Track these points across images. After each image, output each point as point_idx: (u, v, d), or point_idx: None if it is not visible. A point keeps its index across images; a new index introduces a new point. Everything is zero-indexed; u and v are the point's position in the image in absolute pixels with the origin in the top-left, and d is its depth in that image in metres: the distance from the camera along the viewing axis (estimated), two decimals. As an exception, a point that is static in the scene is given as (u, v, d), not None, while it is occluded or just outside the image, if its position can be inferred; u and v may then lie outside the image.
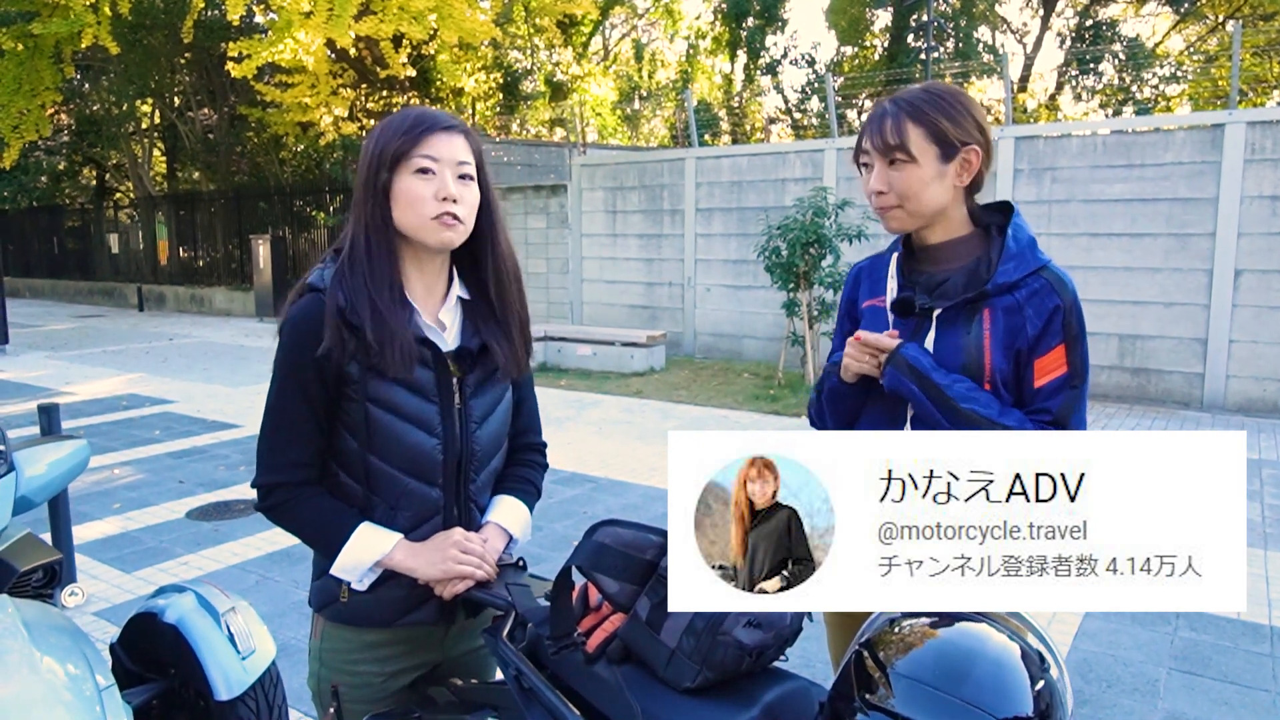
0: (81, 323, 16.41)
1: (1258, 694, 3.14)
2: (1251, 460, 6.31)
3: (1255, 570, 4.26)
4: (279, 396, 1.46)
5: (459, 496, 1.52)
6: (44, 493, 2.72)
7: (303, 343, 1.42)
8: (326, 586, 1.51)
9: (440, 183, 1.42)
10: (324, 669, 1.55)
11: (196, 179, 20.97)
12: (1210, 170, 7.96)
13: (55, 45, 14.35)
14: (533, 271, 13.15)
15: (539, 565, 1.86)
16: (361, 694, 1.53)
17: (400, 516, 1.48)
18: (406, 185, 1.42)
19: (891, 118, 1.54)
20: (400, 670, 1.55)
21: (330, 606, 1.51)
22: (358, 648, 1.52)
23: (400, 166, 1.43)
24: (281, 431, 1.46)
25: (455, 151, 1.44)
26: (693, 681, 1.17)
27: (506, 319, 1.56)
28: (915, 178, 1.53)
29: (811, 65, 23.69)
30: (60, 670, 1.61)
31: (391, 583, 1.48)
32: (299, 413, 1.45)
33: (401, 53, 14.20)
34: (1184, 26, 21.38)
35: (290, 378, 1.44)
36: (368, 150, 1.46)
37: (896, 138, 1.53)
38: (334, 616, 1.51)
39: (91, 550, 4.58)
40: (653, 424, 7.57)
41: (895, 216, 1.58)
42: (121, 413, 8.10)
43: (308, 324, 1.42)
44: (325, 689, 1.54)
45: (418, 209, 1.42)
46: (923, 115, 1.53)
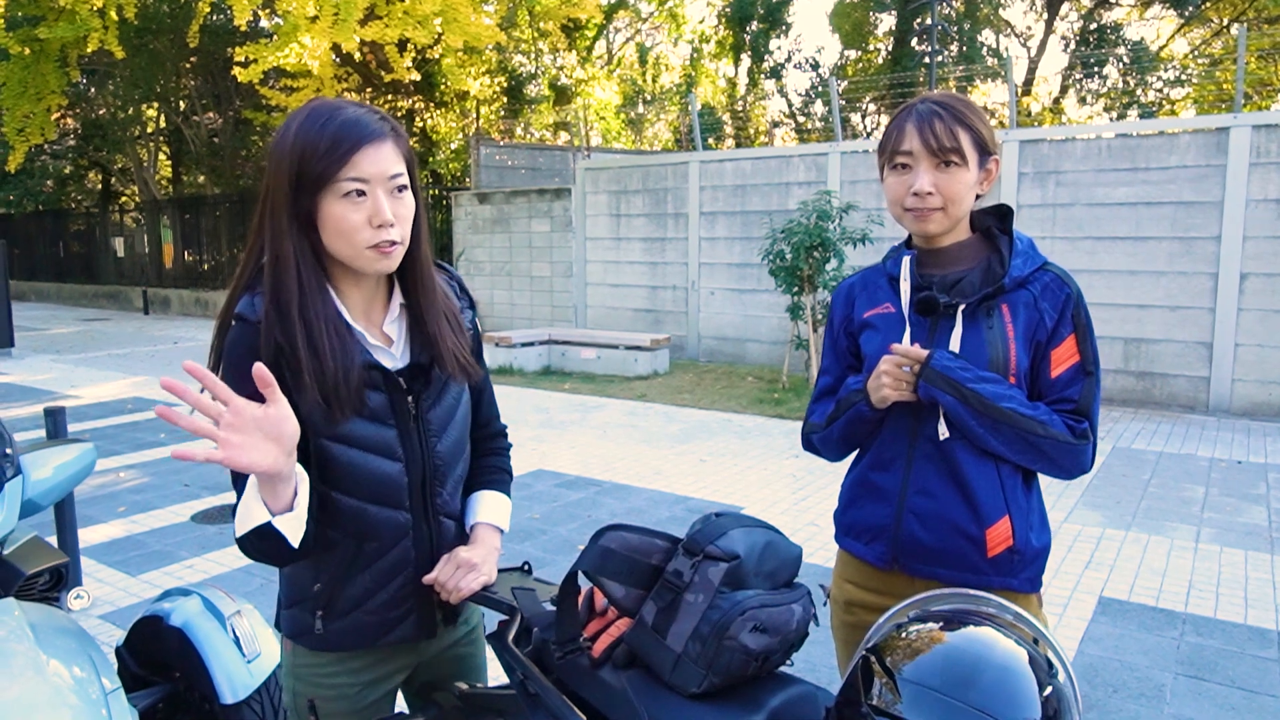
0: (87, 326, 16.45)
1: (1264, 699, 3.13)
2: (1258, 464, 6.29)
3: (1262, 575, 4.24)
4: None
5: (426, 514, 1.46)
6: (50, 496, 2.73)
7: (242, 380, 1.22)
8: (298, 618, 1.46)
9: (374, 206, 1.27)
10: (298, 683, 1.50)
11: (201, 183, 21.03)
12: (1215, 174, 7.95)
13: (61, 49, 14.42)
14: (536, 275, 13.16)
15: (544, 569, 1.86)
16: (339, 706, 1.49)
17: (367, 547, 1.41)
18: (336, 212, 1.27)
19: (943, 121, 1.53)
20: (376, 679, 1.51)
21: (304, 637, 1.46)
22: (330, 662, 1.47)
23: (325, 191, 1.27)
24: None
25: (386, 164, 1.28)
26: (699, 687, 1.16)
27: (438, 325, 1.43)
28: (963, 182, 1.54)
29: (815, 69, 23.72)
30: (66, 673, 1.61)
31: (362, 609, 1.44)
32: None
33: (406, 57, 14.24)
34: (1188, 30, 21.35)
35: None
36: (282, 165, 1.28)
37: (952, 140, 1.52)
38: (310, 645, 1.46)
39: (97, 553, 4.59)
40: (657, 427, 7.57)
41: (936, 220, 1.57)
42: (127, 416, 8.12)
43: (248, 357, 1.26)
44: (302, 704, 1.49)
45: (350, 239, 1.28)
46: (968, 120, 1.54)
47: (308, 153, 1.26)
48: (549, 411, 8.14)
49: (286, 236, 1.29)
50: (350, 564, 1.42)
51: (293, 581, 1.47)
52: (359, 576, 1.42)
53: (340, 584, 1.42)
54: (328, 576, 1.42)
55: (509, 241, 13.47)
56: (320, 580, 1.42)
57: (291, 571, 1.47)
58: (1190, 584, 4.14)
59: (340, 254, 1.31)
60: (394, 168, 1.30)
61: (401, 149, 1.33)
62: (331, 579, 1.42)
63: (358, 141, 1.26)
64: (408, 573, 1.45)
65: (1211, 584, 4.15)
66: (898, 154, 1.58)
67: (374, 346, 1.39)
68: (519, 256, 13.37)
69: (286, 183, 1.28)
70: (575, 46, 21.09)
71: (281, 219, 1.29)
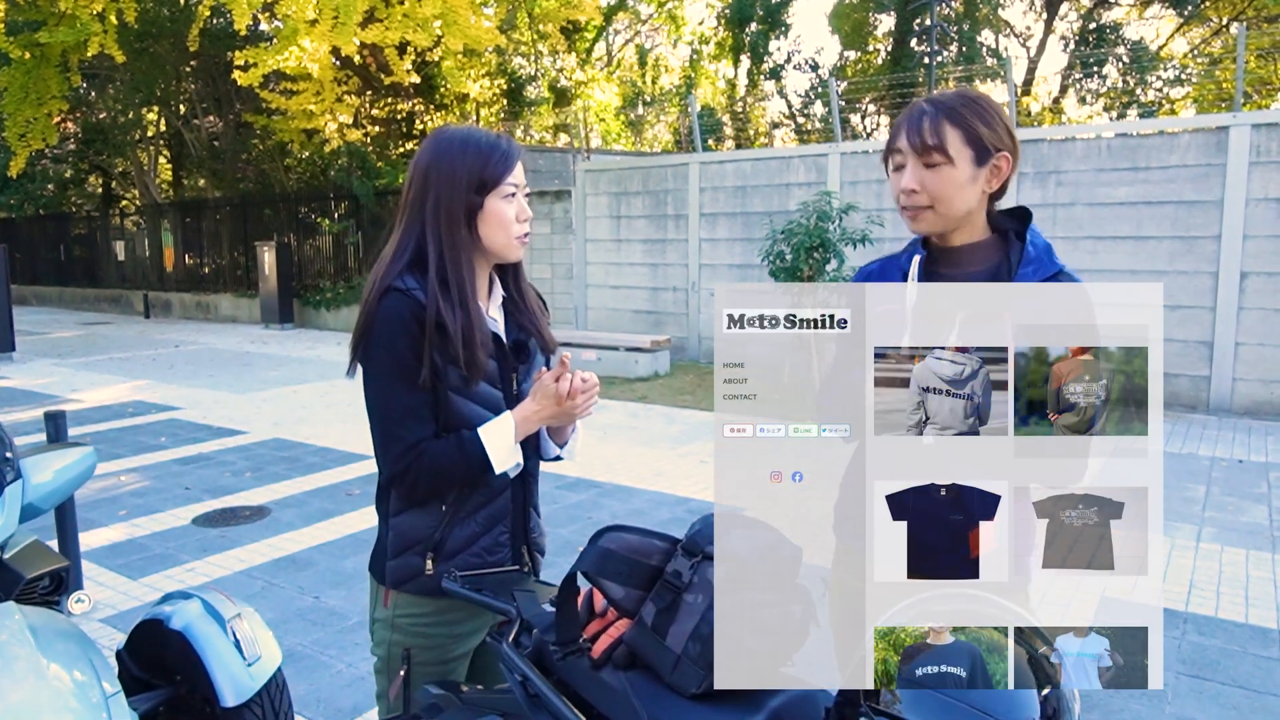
0: (88, 330, 16.46)
1: (1267, 699, 3.13)
2: (1258, 463, 6.29)
3: (1264, 574, 4.24)
4: (390, 389, 1.57)
5: (521, 476, 1.71)
6: (51, 500, 2.72)
7: (403, 342, 1.55)
8: (408, 563, 1.63)
9: (520, 205, 1.63)
10: (396, 634, 1.66)
11: (202, 186, 21.04)
12: (1215, 173, 7.95)
13: (62, 54, 14.43)
14: (537, 277, 13.15)
15: (544, 571, 1.87)
16: (432, 655, 1.65)
17: (476, 496, 1.64)
18: (498, 209, 1.60)
19: (929, 118, 1.53)
20: (467, 632, 1.69)
21: (414, 580, 1.63)
22: (431, 611, 1.64)
23: (492, 192, 1.59)
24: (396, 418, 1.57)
25: (522, 175, 1.64)
26: (699, 687, 1.16)
27: (530, 308, 1.75)
28: (950, 180, 1.53)
29: (815, 70, 23.71)
30: (67, 677, 1.61)
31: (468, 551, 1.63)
32: (412, 401, 1.57)
33: (406, 59, 14.24)
34: (1188, 29, 21.35)
35: (396, 372, 1.56)
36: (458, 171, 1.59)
37: (935, 138, 1.52)
38: (419, 589, 1.63)
39: (98, 557, 4.59)
40: (658, 429, 7.57)
41: (925, 218, 1.57)
42: (128, 420, 8.13)
43: (406, 325, 1.55)
44: (396, 654, 1.65)
45: (507, 230, 1.61)
46: (960, 118, 1.53)
47: (477, 157, 1.59)
48: (550, 413, 8.13)
49: (460, 227, 1.59)
50: (461, 511, 1.63)
51: (404, 532, 1.65)
52: (468, 521, 1.64)
53: (452, 528, 1.63)
54: (443, 522, 1.63)
55: (509, 243, 13.46)
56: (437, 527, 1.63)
57: (404, 521, 1.65)
58: (1192, 583, 4.14)
59: (495, 242, 1.62)
60: (523, 177, 1.66)
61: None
62: (446, 524, 1.63)
63: (515, 154, 1.63)
64: (506, 522, 1.69)
65: (1213, 583, 4.14)
66: (893, 153, 1.59)
67: (493, 321, 1.68)
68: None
69: (465, 185, 1.58)
70: (575, 48, 21.10)
71: (458, 214, 1.59)
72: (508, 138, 1.66)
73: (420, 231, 1.61)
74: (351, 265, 16.10)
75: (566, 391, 1.59)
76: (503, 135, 1.66)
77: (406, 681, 1.63)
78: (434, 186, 1.60)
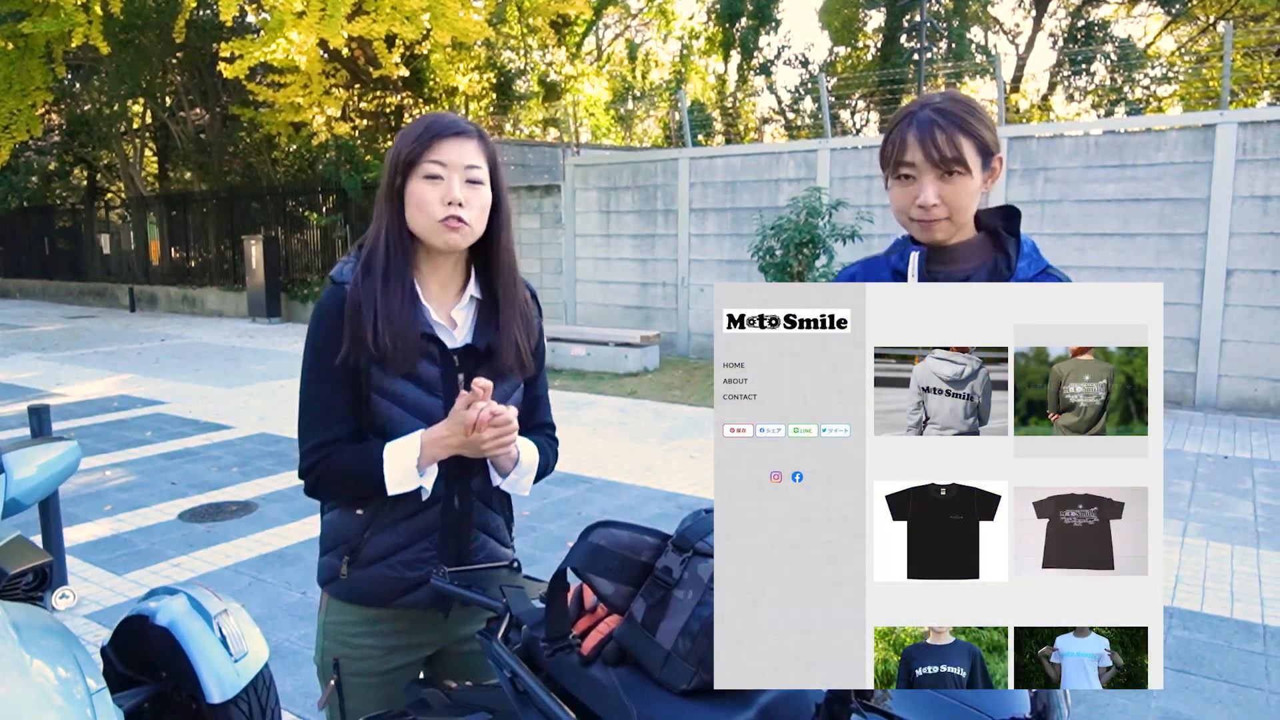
0: (73, 323, 16.34)
1: (1251, 692, 3.15)
2: (1243, 459, 6.34)
3: (1248, 569, 4.27)
4: (311, 383, 1.54)
5: (460, 489, 1.58)
6: (34, 495, 2.69)
7: (326, 333, 1.51)
8: (329, 563, 1.60)
9: (446, 187, 1.50)
10: (327, 641, 1.61)
11: (188, 179, 20.90)
12: (1202, 170, 7.99)
13: (46, 45, 14.29)
14: (526, 272, 12.94)
15: (533, 567, 1.86)
16: (363, 666, 1.58)
17: (399, 504, 1.54)
18: (417, 189, 1.51)
19: (943, 130, 1.50)
20: (400, 646, 1.61)
21: (333, 582, 1.59)
22: (359, 621, 1.58)
23: (412, 171, 1.51)
24: (313, 414, 1.54)
25: (464, 156, 1.51)
26: (688, 683, 1.16)
27: (510, 318, 1.61)
28: (967, 190, 1.52)
29: (805, 65, 23.76)
30: (51, 673, 1.59)
31: (385, 562, 1.55)
32: (330, 396, 1.52)
33: (394, 52, 14.17)
34: (1175, 27, 21.48)
35: (317, 365, 1.53)
36: (388, 156, 1.55)
37: (954, 151, 1.49)
38: (336, 592, 1.59)
39: (83, 552, 4.55)
40: (647, 424, 7.57)
41: (943, 228, 1.56)
42: (113, 414, 8.07)
43: (330, 316, 1.52)
44: (328, 661, 1.60)
45: (426, 211, 1.50)
46: (970, 127, 1.51)
47: (405, 139, 1.52)
48: (539, 408, 8.13)
49: (385, 212, 1.54)
50: (382, 517, 1.55)
51: (333, 528, 1.60)
52: (389, 530, 1.55)
53: (371, 533, 1.55)
54: (363, 524, 1.56)
55: (498, 238, 13.44)
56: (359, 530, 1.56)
57: (333, 518, 1.60)
58: (1177, 578, 4.17)
59: (417, 228, 1.52)
60: (471, 159, 1.52)
61: (485, 149, 1.56)
62: (364, 526, 1.56)
63: (441, 132, 1.51)
64: (433, 538, 1.57)
65: (1198, 578, 4.18)
66: (901, 165, 1.55)
67: (435, 323, 1.56)
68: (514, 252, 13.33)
69: (390, 168, 1.53)
70: (564, 42, 21.05)
71: (382, 199, 1.54)
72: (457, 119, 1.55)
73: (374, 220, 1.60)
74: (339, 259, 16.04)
75: (473, 422, 1.44)
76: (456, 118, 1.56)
77: (339, 693, 1.57)
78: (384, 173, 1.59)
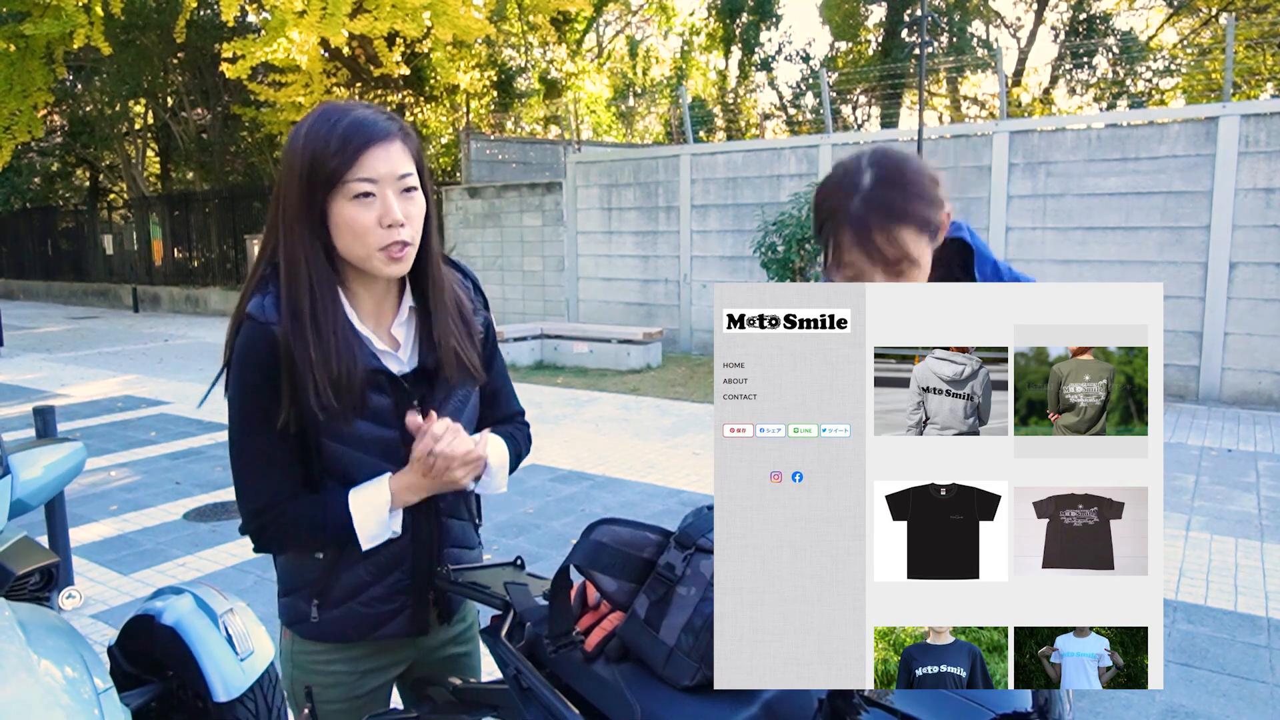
0: (76, 324, 16.37)
1: (1255, 685, 3.15)
2: (1247, 452, 6.33)
3: (1252, 562, 4.27)
4: (246, 435, 1.35)
5: (428, 513, 1.47)
6: (40, 496, 2.71)
7: (258, 379, 1.32)
8: (295, 605, 1.47)
9: (384, 207, 1.27)
10: (296, 670, 1.51)
11: (191, 179, 20.93)
12: (1205, 163, 7.97)
13: (47, 46, 14.30)
14: (528, 269, 13.14)
15: (537, 564, 1.86)
16: (336, 693, 1.51)
17: None
18: (347, 214, 1.27)
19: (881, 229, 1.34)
20: (373, 670, 1.53)
21: (301, 624, 1.47)
22: (327, 650, 1.49)
23: (335, 191, 1.27)
24: (257, 469, 1.36)
25: (395, 164, 1.28)
26: (692, 679, 1.17)
27: (445, 332, 1.43)
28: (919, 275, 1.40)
29: (806, 61, 23.71)
30: (58, 673, 1.60)
31: (357, 600, 1.45)
32: (271, 447, 1.35)
33: (395, 51, 14.16)
34: (1177, 20, 21.41)
35: (253, 414, 1.34)
36: (294, 164, 1.28)
37: (897, 250, 1.35)
38: (305, 634, 1.48)
39: (88, 553, 4.57)
40: (650, 421, 7.57)
41: None
42: (117, 414, 8.09)
43: (259, 361, 1.32)
44: (299, 689, 1.51)
45: (363, 240, 1.28)
46: (908, 212, 1.35)
47: (318, 153, 1.26)
48: (542, 406, 8.13)
49: (299, 240, 1.30)
50: (344, 557, 1.42)
51: (291, 570, 1.48)
52: (355, 567, 1.43)
53: (337, 573, 1.43)
54: (326, 565, 1.43)
55: (500, 236, 13.45)
56: (320, 569, 1.44)
57: (291, 560, 1.47)
58: (1181, 572, 4.17)
59: (352, 256, 1.31)
60: (403, 167, 1.29)
61: (410, 149, 1.32)
62: (329, 568, 1.43)
63: (366, 141, 1.26)
64: (405, 568, 1.46)
65: (1202, 571, 4.17)
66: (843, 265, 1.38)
67: (381, 351, 1.39)
68: (510, 251, 13.34)
69: (298, 185, 1.28)
70: (565, 40, 21.03)
71: (294, 222, 1.30)
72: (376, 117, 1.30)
73: (275, 240, 1.34)
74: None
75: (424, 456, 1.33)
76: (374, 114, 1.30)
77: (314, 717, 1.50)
78: (281, 182, 1.32)
